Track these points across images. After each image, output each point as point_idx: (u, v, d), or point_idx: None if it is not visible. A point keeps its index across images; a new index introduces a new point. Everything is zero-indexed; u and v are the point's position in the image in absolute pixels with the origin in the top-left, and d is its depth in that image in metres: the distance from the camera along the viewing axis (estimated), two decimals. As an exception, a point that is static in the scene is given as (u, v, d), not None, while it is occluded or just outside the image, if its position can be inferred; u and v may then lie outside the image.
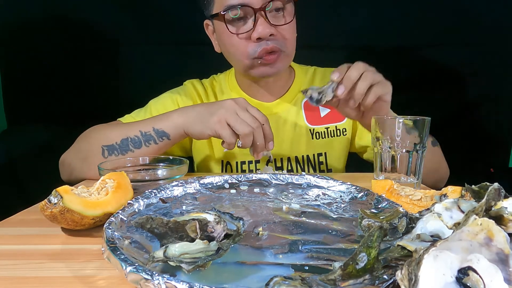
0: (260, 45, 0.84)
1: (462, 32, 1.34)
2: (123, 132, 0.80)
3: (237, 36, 0.85)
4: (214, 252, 0.38)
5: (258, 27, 0.82)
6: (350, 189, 0.58)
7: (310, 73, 1.05)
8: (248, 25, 0.84)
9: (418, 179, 0.68)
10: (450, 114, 1.40)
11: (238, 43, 0.86)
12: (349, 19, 1.34)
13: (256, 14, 0.82)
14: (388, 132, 0.67)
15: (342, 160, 1.04)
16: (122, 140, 0.79)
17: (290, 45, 0.89)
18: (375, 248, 0.31)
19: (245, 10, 0.82)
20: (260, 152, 0.77)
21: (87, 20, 1.32)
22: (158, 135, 0.78)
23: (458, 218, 0.34)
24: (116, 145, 0.79)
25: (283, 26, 0.85)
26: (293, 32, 0.89)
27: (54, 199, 0.47)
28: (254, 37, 0.83)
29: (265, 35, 0.83)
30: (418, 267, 0.26)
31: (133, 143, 0.78)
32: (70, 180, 0.84)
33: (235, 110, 0.74)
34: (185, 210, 0.53)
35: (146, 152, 0.78)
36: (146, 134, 0.78)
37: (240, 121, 0.73)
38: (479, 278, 0.26)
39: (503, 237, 0.28)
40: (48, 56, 1.34)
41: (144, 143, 0.78)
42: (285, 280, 0.30)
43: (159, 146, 0.79)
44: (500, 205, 0.35)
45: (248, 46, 0.85)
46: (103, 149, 0.79)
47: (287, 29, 0.86)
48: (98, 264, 0.41)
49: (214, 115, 0.74)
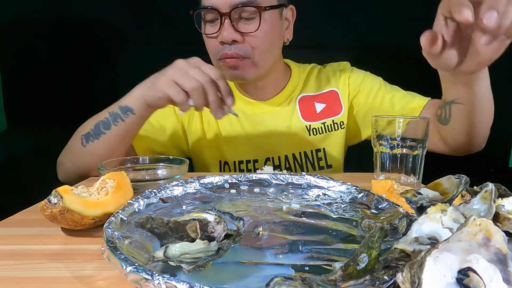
0: (223, 48, 0.86)
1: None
2: (96, 118, 0.80)
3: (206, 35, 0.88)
4: (214, 252, 0.38)
5: (223, 32, 0.83)
6: (350, 190, 0.58)
7: (307, 70, 1.05)
8: (216, 27, 0.85)
9: (418, 179, 0.68)
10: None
11: (208, 42, 0.89)
12: (349, 19, 1.34)
13: (223, 18, 0.83)
14: (388, 132, 0.67)
15: (341, 154, 1.03)
16: (95, 125, 0.79)
17: (258, 53, 0.87)
18: (376, 249, 0.31)
19: (214, 13, 0.84)
20: (217, 109, 0.72)
21: (87, 20, 1.32)
22: (122, 111, 0.77)
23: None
24: (91, 131, 0.79)
25: (252, 33, 0.85)
26: (264, 41, 0.87)
27: (54, 199, 0.47)
28: (218, 40, 0.85)
29: (227, 41, 0.84)
30: (421, 270, 0.26)
31: (103, 125, 0.78)
32: (66, 180, 0.84)
33: (184, 68, 0.71)
34: (185, 210, 0.53)
35: (117, 132, 0.78)
36: (113, 113, 0.78)
37: (188, 77, 0.70)
38: (480, 279, 0.26)
39: (501, 237, 0.28)
40: (48, 56, 1.34)
41: (113, 122, 0.78)
42: (285, 281, 0.30)
43: (127, 123, 0.77)
44: (498, 202, 0.36)
45: (215, 47, 0.87)
46: (81, 138, 0.80)
47: (256, 38, 0.85)
48: (98, 264, 0.41)
49: (163, 76, 0.72)
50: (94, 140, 0.79)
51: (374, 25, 1.34)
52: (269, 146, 0.99)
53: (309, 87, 1.02)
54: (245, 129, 0.99)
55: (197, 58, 0.73)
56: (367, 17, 1.34)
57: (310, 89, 1.02)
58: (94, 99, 1.39)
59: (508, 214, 0.34)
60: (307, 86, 1.02)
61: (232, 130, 0.99)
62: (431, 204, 0.37)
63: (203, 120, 1.01)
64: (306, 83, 1.03)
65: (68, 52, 1.34)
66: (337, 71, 1.04)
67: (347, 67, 1.05)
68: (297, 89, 1.01)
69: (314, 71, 1.05)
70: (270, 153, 0.99)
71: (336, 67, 1.05)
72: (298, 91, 1.01)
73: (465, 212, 0.34)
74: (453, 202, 0.39)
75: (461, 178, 0.40)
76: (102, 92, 1.37)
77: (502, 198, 0.37)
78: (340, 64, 1.06)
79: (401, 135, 0.66)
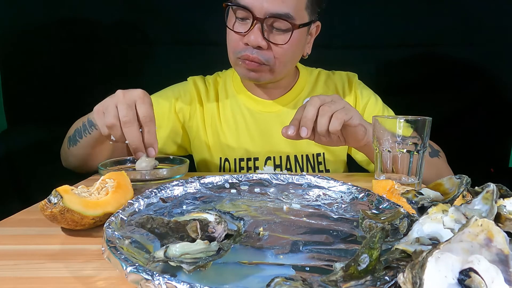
0: (246, 49, 0.85)
1: (463, 32, 1.34)
2: (76, 124, 0.83)
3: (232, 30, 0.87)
4: (215, 253, 0.37)
5: (251, 35, 0.83)
6: (351, 190, 0.58)
7: (315, 74, 1.05)
8: (245, 26, 0.84)
9: (419, 179, 0.68)
10: (451, 114, 1.40)
11: (232, 37, 0.88)
12: (349, 19, 1.34)
13: (254, 22, 0.82)
14: (389, 132, 0.67)
15: (341, 164, 1.04)
16: (74, 131, 0.82)
17: (279, 64, 0.88)
18: (377, 250, 0.31)
19: (247, 13, 0.83)
20: (137, 152, 0.67)
21: (87, 19, 1.32)
22: (89, 124, 0.78)
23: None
24: (71, 137, 0.82)
25: (277, 45, 0.84)
26: (290, 55, 0.88)
27: (54, 199, 0.47)
28: (243, 40, 0.85)
29: (253, 45, 0.84)
30: (423, 270, 0.26)
31: (78, 133, 0.80)
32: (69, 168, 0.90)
33: (114, 102, 0.67)
34: (186, 210, 0.52)
35: (87, 142, 0.79)
36: (84, 124, 0.79)
37: (111, 112, 0.66)
38: (481, 280, 0.26)
39: (502, 238, 0.28)
40: (48, 56, 1.34)
41: (83, 132, 0.79)
42: (286, 281, 0.30)
43: (92, 137, 0.77)
44: (500, 203, 0.35)
45: (237, 45, 0.87)
46: (66, 141, 0.84)
47: (281, 49, 0.85)
48: (98, 264, 0.41)
49: (100, 104, 0.70)
50: (73, 145, 0.83)
51: (375, 25, 1.34)
52: (271, 145, 0.99)
53: (317, 92, 1.03)
54: (249, 126, 0.99)
55: (138, 93, 0.68)
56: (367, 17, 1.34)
57: (318, 93, 1.01)
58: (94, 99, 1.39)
59: (510, 215, 0.34)
60: (315, 90, 1.03)
61: (235, 126, 1.00)
62: (432, 205, 0.37)
63: (205, 115, 1.01)
64: (315, 87, 1.03)
65: (68, 52, 1.33)
66: (346, 81, 1.05)
67: (355, 79, 1.05)
68: (304, 91, 1.02)
69: (322, 76, 1.06)
70: (272, 152, 0.99)
71: (345, 76, 1.06)
72: (306, 93, 1.02)
73: (466, 213, 0.34)
74: (454, 202, 0.39)
75: (462, 178, 0.40)
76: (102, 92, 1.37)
77: (503, 198, 0.37)
78: (348, 74, 1.06)
79: (401, 135, 0.66)
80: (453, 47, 1.35)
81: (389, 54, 1.35)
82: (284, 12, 0.82)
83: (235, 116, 1.00)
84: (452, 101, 1.41)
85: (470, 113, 1.43)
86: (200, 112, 1.01)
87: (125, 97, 0.67)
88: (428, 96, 1.38)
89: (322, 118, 0.70)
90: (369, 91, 1.04)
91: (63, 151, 0.89)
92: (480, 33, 1.34)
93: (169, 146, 1.00)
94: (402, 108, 0.95)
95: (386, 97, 1.06)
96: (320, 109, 0.70)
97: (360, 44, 1.34)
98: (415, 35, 1.35)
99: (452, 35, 1.35)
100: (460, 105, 1.42)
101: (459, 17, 1.33)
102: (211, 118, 1.01)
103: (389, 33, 1.35)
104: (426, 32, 1.34)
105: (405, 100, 1.16)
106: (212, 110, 1.01)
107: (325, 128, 0.70)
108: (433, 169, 0.86)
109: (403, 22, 1.33)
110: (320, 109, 0.70)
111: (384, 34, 1.35)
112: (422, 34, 1.35)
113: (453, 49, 1.36)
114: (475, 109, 1.42)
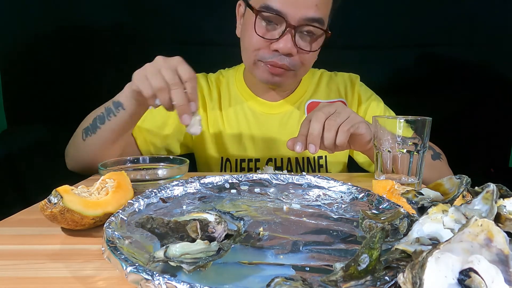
0: (274, 56, 0.84)
1: (463, 32, 1.34)
2: (95, 113, 0.80)
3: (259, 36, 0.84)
4: (215, 253, 0.37)
5: (281, 42, 0.81)
6: (351, 190, 0.58)
7: (317, 76, 1.05)
8: (274, 32, 0.82)
9: (419, 179, 0.68)
10: (451, 114, 1.40)
11: (256, 41, 0.85)
12: (349, 19, 1.34)
13: (287, 29, 0.80)
14: (389, 132, 0.67)
15: (342, 166, 1.04)
16: (93, 120, 0.79)
17: (303, 69, 0.89)
18: (377, 250, 0.31)
19: (279, 19, 0.81)
20: (182, 114, 0.67)
21: (87, 19, 1.32)
22: (115, 106, 0.76)
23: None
24: (90, 126, 0.79)
25: (306, 51, 0.84)
26: (313, 60, 0.90)
27: (54, 199, 0.47)
28: (273, 47, 0.83)
29: (284, 52, 0.83)
30: (423, 270, 0.26)
31: (99, 119, 0.78)
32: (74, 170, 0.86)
33: (158, 66, 0.68)
34: (186, 210, 0.52)
35: (110, 127, 0.77)
36: (107, 108, 0.77)
37: (157, 76, 0.67)
38: (482, 280, 0.26)
39: (502, 238, 0.28)
40: (48, 56, 1.34)
41: (106, 117, 0.77)
42: (286, 281, 0.30)
43: (118, 118, 0.77)
44: (500, 203, 0.35)
45: (263, 48, 0.85)
46: (82, 132, 0.80)
47: (309, 55, 0.86)
48: (98, 265, 0.41)
49: (140, 70, 0.70)
50: (92, 134, 0.79)
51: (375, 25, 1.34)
52: (273, 147, 0.99)
53: (319, 94, 1.02)
54: (251, 127, 0.99)
55: (177, 58, 0.70)
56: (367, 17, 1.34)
57: (320, 96, 1.02)
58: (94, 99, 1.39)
59: (510, 215, 0.34)
60: (317, 92, 1.03)
61: (237, 127, 1.00)
62: (432, 205, 0.37)
63: (208, 115, 1.01)
64: (317, 89, 1.03)
65: (68, 52, 1.33)
66: (348, 83, 1.04)
67: (357, 81, 1.05)
68: (307, 93, 1.02)
69: (324, 77, 1.05)
70: (273, 154, 0.99)
71: (347, 78, 1.05)
72: (308, 95, 1.02)
73: (466, 213, 0.34)
74: (454, 202, 0.39)
75: (462, 178, 0.40)
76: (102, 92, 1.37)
77: (503, 198, 0.36)
78: (351, 76, 1.06)
79: (401, 135, 0.66)
80: (453, 47, 1.36)
81: (389, 54, 1.35)
82: (318, 17, 0.81)
83: (237, 117, 1.00)
84: (452, 101, 1.41)
85: (470, 113, 1.43)
86: (202, 111, 1.00)
87: (166, 62, 0.68)
88: (428, 96, 1.38)
89: (329, 133, 0.69)
90: (372, 94, 1.04)
91: (73, 147, 0.85)
92: (480, 33, 1.34)
93: (173, 144, 1.00)
94: (402, 108, 0.95)
95: (386, 97, 1.06)
96: (325, 124, 0.70)
97: (360, 44, 1.34)
98: (415, 35, 1.35)
99: (452, 35, 1.35)
100: (460, 105, 1.42)
101: (459, 17, 1.33)
102: (214, 118, 1.01)
103: (389, 33, 1.35)
104: (426, 32, 1.34)
105: (405, 100, 1.16)
106: (214, 110, 1.01)
107: (332, 142, 0.70)
108: (435, 172, 0.86)
109: (403, 22, 1.33)
110: (325, 123, 0.70)
111: (384, 34, 1.35)
112: (422, 34, 1.35)
113: (453, 49, 1.36)
114: (475, 109, 1.42)
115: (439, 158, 0.91)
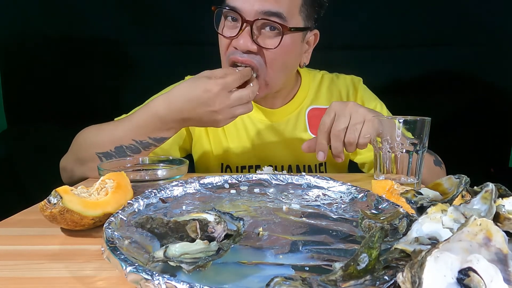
0: (235, 53, 0.81)
1: (463, 32, 1.34)
2: (115, 140, 0.77)
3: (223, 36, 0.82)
4: (215, 252, 0.38)
5: (240, 39, 0.79)
6: (350, 190, 0.58)
7: (318, 79, 1.02)
8: (234, 30, 0.80)
9: (418, 179, 0.68)
10: (451, 114, 1.40)
11: (222, 40, 0.84)
12: (349, 19, 1.34)
13: (243, 24, 0.78)
14: (388, 132, 0.67)
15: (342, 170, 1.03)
16: (116, 148, 0.77)
17: (272, 72, 0.82)
18: (376, 249, 0.31)
19: (236, 15, 0.79)
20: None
21: (87, 20, 1.32)
22: (156, 141, 0.77)
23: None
24: (112, 152, 0.77)
25: (268, 49, 0.79)
26: (279, 60, 0.82)
27: (54, 199, 0.47)
28: (233, 44, 0.81)
29: (242, 49, 0.79)
30: (422, 270, 0.26)
31: (130, 150, 0.77)
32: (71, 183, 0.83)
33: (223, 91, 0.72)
34: (185, 210, 0.52)
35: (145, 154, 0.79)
36: (144, 142, 0.77)
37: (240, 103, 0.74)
38: (480, 279, 0.26)
39: (501, 237, 0.28)
40: (48, 56, 1.34)
41: (143, 148, 0.77)
42: (285, 281, 0.30)
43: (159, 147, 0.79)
44: (498, 202, 0.35)
45: (229, 47, 0.83)
46: (99, 156, 0.77)
47: (272, 54, 0.80)
48: (98, 265, 0.41)
49: (217, 114, 0.73)
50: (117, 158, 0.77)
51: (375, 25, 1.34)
52: (273, 155, 0.97)
53: (320, 99, 0.99)
54: (250, 135, 0.98)
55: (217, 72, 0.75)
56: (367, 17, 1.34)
57: (321, 101, 0.99)
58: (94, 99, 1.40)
59: (509, 214, 0.34)
60: (318, 97, 0.99)
61: (237, 134, 0.98)
62: (431, 204, 0.37)
63: None
64: (318, 94, 1.00)
65: (68, 52, 1.34)
66: (350, 87, 1.01)
67: (360, 85, 1.02)
68: (307, 99, 0.98)
69: (325, 80, 1.02)
70: (273, 162, 0.97)
71: (349, 81, 1.02)
72: (309, 100, 0.98)
73: (465, 212, 0.34)
74: (454, 202, 0.39)
75: (461, 178, 0.40)
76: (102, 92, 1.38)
77: (502, 198, 0.37)
78: (353, 79, 1.03)
79: (401, 135, 0.66)
80: (453, 47, 1.36)
81: (389, 54, 1.35)
82: (276, 10, 0.77)
83: (237, 125, 0.98)
84: (452, 101, 1.41)
85: (470, 113, 1.43)
86: None
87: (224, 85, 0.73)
88: (428, 96, 1.38)
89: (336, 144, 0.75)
90: (374, 98, 1.01)
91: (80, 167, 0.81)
92: (480, 33, 1.34)
93: (173, 149, 0.98)
94: (402, 108, 0.94)
95: (386, 97, 1.05)
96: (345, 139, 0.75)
97: (360, 45, 1.34)
98: (415, 35, 1.35)
99: (452, 35, 1.35)
100: (460, 105, 1.42)
101: (459, 17, 1.33)
102: None
103: (389, 33, 1.35)
104: (426, 32, 1.34)
105: (405, 100, 1.16)
106: None
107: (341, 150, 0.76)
108: (435, 176, 0.85)
109: (403, 22, 1.34)
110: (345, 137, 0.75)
111: (384, 34, 1.35)
112: (422, 34, 1.35)
113: (453, 49, 1.36)
114: (475, 109, 1.42)
115: (439, 166, 0.89)
